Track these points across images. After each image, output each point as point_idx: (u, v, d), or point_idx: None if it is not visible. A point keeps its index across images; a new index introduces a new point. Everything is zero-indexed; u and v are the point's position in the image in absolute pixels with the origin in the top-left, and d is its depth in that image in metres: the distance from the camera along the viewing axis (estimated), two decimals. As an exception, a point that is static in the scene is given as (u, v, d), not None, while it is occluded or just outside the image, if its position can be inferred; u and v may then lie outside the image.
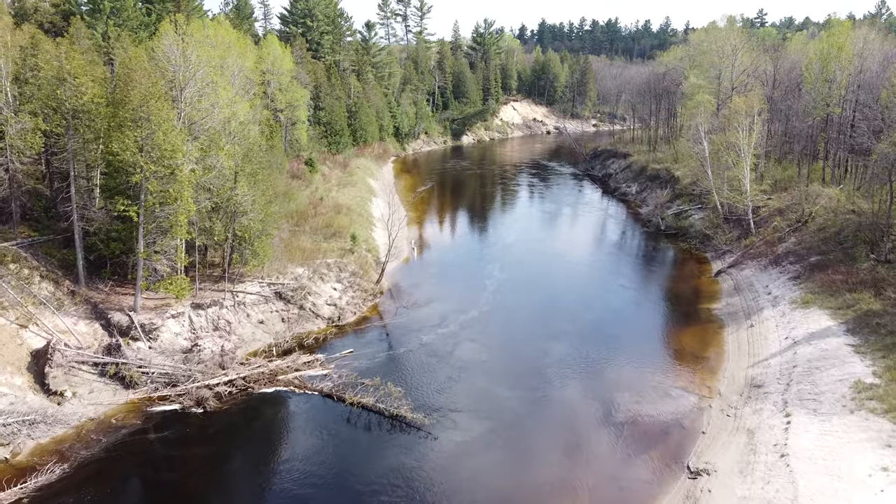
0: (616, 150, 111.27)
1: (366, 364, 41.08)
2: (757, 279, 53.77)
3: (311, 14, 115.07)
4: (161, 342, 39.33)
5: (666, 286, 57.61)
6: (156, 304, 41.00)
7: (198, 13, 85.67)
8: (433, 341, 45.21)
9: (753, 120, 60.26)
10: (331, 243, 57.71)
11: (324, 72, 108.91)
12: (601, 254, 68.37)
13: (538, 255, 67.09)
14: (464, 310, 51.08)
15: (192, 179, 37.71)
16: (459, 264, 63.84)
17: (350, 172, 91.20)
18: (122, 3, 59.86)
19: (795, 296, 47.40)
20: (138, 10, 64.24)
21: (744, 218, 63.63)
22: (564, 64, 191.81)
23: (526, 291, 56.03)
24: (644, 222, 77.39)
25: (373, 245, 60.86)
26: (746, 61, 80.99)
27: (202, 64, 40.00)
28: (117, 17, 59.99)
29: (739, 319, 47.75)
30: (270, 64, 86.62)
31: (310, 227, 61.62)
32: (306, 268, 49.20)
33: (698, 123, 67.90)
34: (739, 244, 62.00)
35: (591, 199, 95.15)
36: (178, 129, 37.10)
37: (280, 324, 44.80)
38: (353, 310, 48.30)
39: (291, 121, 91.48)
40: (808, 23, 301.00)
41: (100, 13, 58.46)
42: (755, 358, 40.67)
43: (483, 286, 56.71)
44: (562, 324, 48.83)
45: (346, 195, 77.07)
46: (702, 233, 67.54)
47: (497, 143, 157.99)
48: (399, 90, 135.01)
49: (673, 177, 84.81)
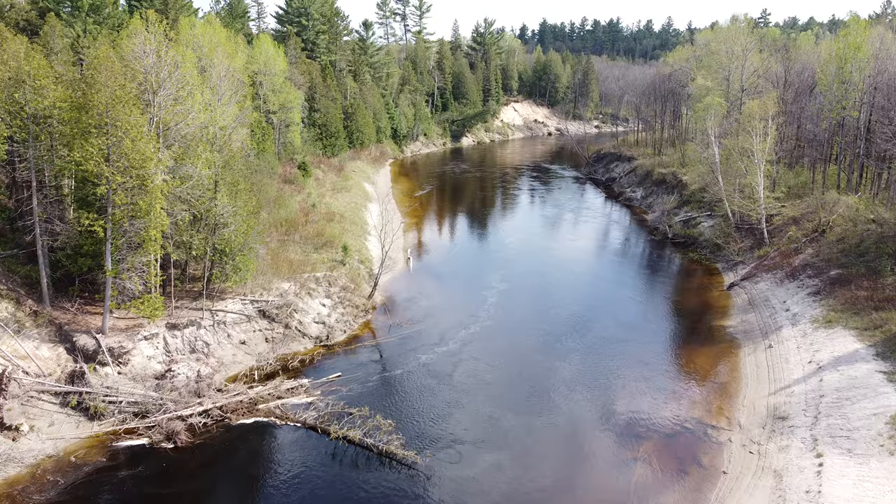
0: (620, 153, 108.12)
1: (356, 389, 37.96)
2: (773, 294, 50.61)
3: (306, 13, 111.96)
4: (132, 367, 36.19)
5: (676, 299, 54.44)
6: (127, 325, 37.86)
7: (186, 11, 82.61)
8: (431, 361, 42.14)
9: (768, 124, 57.09)
10: (321, 254, 54.60)
11: (319, 72, 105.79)
12: (606, 263, 65.26)
13: (540, 263, 63.97)
14: (464, 325, 48.07)
15: (164, 190, 34.56)
16: (458, 274, 60.72)
17: (345, 177, 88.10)
18: (102, 1, 56.67)
19: (816, 313, 44.24)
20: (118, 7, 61.03)
21: (756, 227, 60.50)
22: (566, 64, 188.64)
23: (529, 304, 52.98)
24: (650, 229, 74.23)
25: (366, 256, 57.72)
26: (756, 62, 77.79)
27: (178, 65, 36.84)
28: (96, 14, 56.84)
29: (756, 338, 44.60)
30: (263, 64, 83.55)
31: (300, 236, 58.49)
32: (293, 282, 46.04)
33: (708, 127, 64.76)
34: (752, 255, 58.86)
35: (595, 204, 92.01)
36: (149, 136, 33.96)
37: (263, 344, 41.65)
38: (343, 328, 45.15)
39: (285, 123, 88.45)
40: (812, 23, 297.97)
41: (78, 10, 55.31)
42: (776, 384, 37.52)
43: (483, 298, 53.66)
44: (568, 340, 45.83)
45: (340, 201, 73.94)
46: (712, 242, 64.42)
47: (497, 145, 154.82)
48: (397, 91, 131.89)
49: (680, 182, 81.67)
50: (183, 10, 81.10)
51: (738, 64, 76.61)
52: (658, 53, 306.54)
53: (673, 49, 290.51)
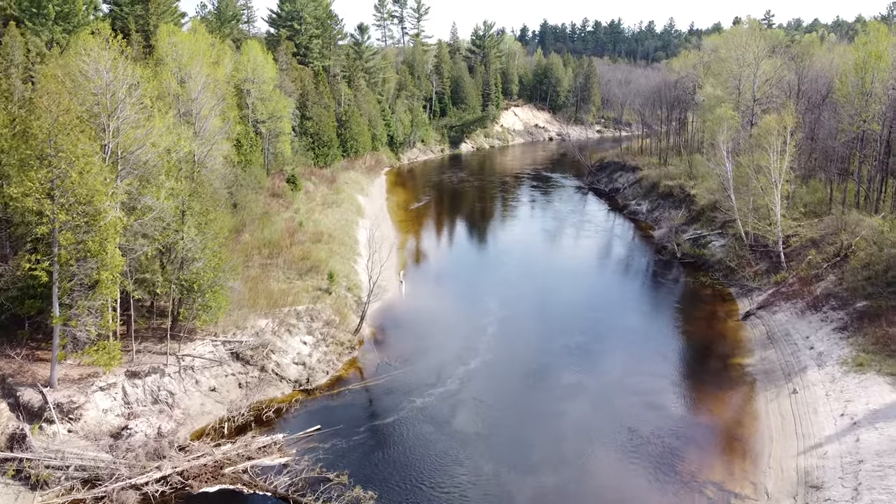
0: (624, 162, 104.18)
1: (338, 446, 34.04)
2: (794, 327, 46.67)
3: (298, 16, 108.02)
4: (84, 423, 32.31)
5: (687, 330, 50.51)
6: (81, 374, 33.98)
7: (170, 16, 78.74)
8: (426, 405, 38.36)
9: (786, 140, 53.15)
10: (306, 281, 50.71)
11: (311, 78, 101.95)
12: (612, 286, 61.35)
13: (541, 285, 60.09)
14: (462, 360, 44.34)
15: (119, 227, 30.68)
16: (454, 299, 56.80)
17: (337, 189, 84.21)
18: (71, 7, 52.74)
19: (845, 354, 40.30)
20: (90, 15, 57.09)
21: (773, 249, 56.56)
22: (567, 67, 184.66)
23: (530, 334, 49.31)
24: (657, 247, 70.28)
25: (354, 282, 53.76)
26: (769, 70, 73.83)
27: (138, 84, 32.93)
28: (65, 22, 52.90)
29: (778, 381, 40.69)
30: (251, 72, 79.67)
31: (284, 259, 54.63)
32: (271, 319, 42.12)
33: (720, 142, 60.81)
34: (769, 280, 54.92)
35: (598, 217, 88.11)
36: (100, 166, 30.07)
37: (236, 390, 37.75)
38: (326, 368, 41.22)
39: (274, 133, 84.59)
40: (817, 24, 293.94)
41: (44, 18, 51.38)
42: (806, 441, 33.61)
43: (482, 328, 49.91)
44: (573, 377, 42.32)
45: (330, 218, 70.02)
46: (724, 263, 60.48)
47: (497, 150, 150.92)
48: (394, 96, 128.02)
49: (688, 196, 77.73)
50: (166, 15, 77.27)
51: (750, 72, 72.62)
52: (660, 55, 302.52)
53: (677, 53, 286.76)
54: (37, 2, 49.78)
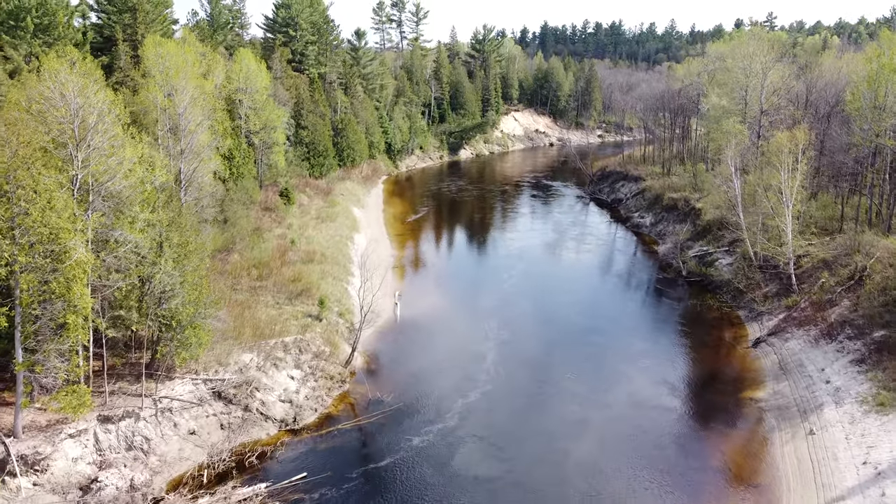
0: (626, 172, 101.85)
1: (327, 495, 31.84)
2: (807, 357, 44.40)
3: (293, 23, 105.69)
4: (52, 475, 30.06)
5: (695, 358, 48.22)
6: (49, 420, 31.73)
7: (160, 24, 76.45)
8: (423, 445, 36.26)
9: (798, 158, 50.87)
10: (296, 306, 48.45)
11: (307, 86, 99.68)
12: (615, 306, 59.03)
13: (542, 305, 57.84)
14: (460, 391, 42.23)
15: (87, 267, 28.41)
16: (452, 322, 54.55)
17: (332, 201, 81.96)
18: (51, 20, 50.45)
19: (864, 390, 38.03)
20: (73, 26, 54.78)
21: (783, 271, 54.27)
22: (568, 71, 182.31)
23: (531, 361, 47.28)
24: (662, 265, 68.04)
25: (347, 306, 51.47)
26: (777, 80, 71.53)
27: (109, 110, 30.64)
28: (45, 34, 50.62)
29: (793, 419, 38.41)
30: (243, 81, 77.34)
31: (274, 282, 52.39)
32: (257, 352, 39.84)
33: (728, 158, 58.52)
34: (779, 303, 52.64)
35: (600, 230, 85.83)
36: (65, 200, 27.80)
37: (217, 432, 35.48)
38: (315, 405, 38.92)
39: (267, 144, 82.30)
40: (820, 26, 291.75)
41: (22, 31, 49.11)
42: (827, 492, 31.34)
43: (481, 355, 47.80)
44: (577, 410, 40.43)
45: (324, 234, 67.75)
46: (731, 284, 58.19)
47: (497, 157, 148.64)
48: (391, 103, 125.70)
49: (693, 209, 75.45)
50: (156, 24, 74.98)
51: (757, 82, 70.33)
52: (661, 57, 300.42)
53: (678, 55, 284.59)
54: (14, 14, 47.57)
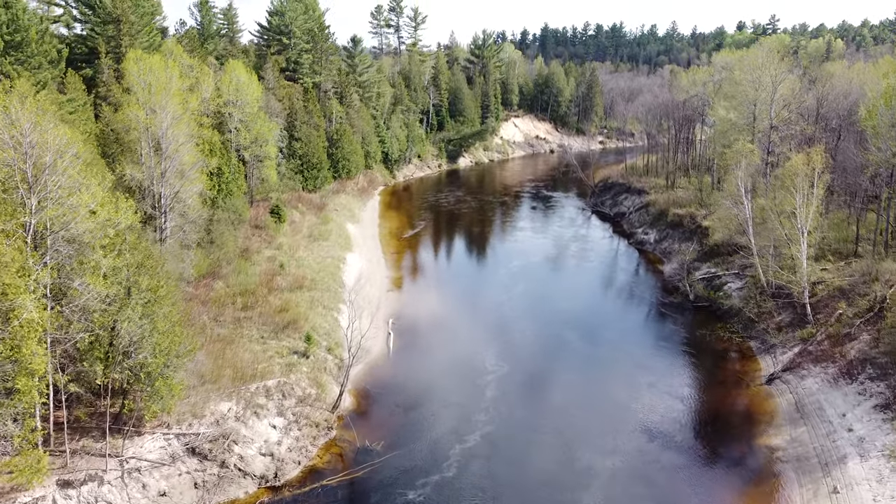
0: (629, 184, 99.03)
1: (304, 566, 29.11)
2: (827, 399, 41.60)
3: (287, 31, 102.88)
4: (3, 550, 27.30)
5: (704, 395, 45.39)
6: (2, 487, 28.95)
7: (146, 35, 73.66)
8: (420, 500, 33.40)
9: (814, 183, 48.08)
10: (281, 341, 45.68)
11: (301, 95, 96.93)
12: (619, 332, 56.14)
13: (542, 334, 55.08)
14: (459, 435, 39.70)
15: (39, 325, 25.64)
16: (448, 353, 51.71)
17: (325, 218, 79.17)
18: (24, 36, 47.67)
19: (890, 442, 35.25)
20: (48, 43, 51.97)
21: (797, 300, 51.44)
22: (569, 76, 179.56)
23: (531, 398, 44.71)
24: (668, 287, 65.24)
25: (336, 339, 48.64)
26: (787, 93, 68.77)
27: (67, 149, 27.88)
28: (18, 52, 47.84)
29: (814, 472, 35.62)
30: (233, 94, 74.58)
31: (260, 312, 49.63)
32: (236, 400, 37.04)
33: (738, 179, 55.76)
34: (793, 335, 49.84)
35: (602, 246, 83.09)
36: (13, 254, 25.03)
37: (191, 492, 32.68)
38: (298, 457, 36.12)
39: (259, 158, 79.57)
40: (823, 29, 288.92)
41: (-8, 50, 46.39)
42: (855, 567, 28.58)
43: (480, 391, 45.33)
44: (582, 455, 37.81)
45: (315, 255, 64.97)
46: (741, 311, 55.41)
47: (497, 164, 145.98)
48: (389, 111, 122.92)
49: (699, 227, 72.66)
50: (142, 35, 72.19)
51: (767, 97, 67.54)
52: (662, 60, 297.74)
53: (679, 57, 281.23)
54: (-17, 31, 44.92)
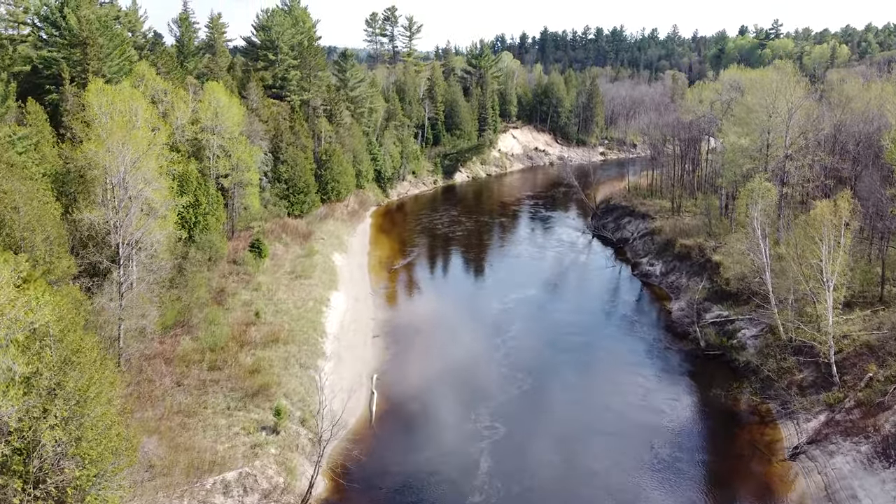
0: (633, 207, 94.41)
1: None
2: (861, 485, 36.88)
3: (274, 46, 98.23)
4: None
5: (720, 473, 40.59)
6: None
7: (118, 58, 69.03)
8: None
9: (841, 232, 43.41)
10: (250, 412, 41.01)
11: (287, 115, 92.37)
12: (625, 389, 51.02)
13: (539, 387, 50.13)
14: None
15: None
16: (438, 413, 46.91)
17: (310, 249, 74.47)
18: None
19: (941, 553, 30.59)
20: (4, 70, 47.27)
21: (821, 359, 46.74)
22: (569, 86, 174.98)
23: (529, 469, 40.37)
24: (676, 331, 60.48)
25: (311, 407, 43.66)
26: (803, 119, 64.21)
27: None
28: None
29: (853, 585, 30.96)
30: (211, 119, 70.05)
31: (228, 374, 44.99)
32: (187, 501, 32.33)
33: (754, 219, 51.13)
34: (818, 398, 45.11)
35: (605, 277, 78.47)
36: None
37: None
38: (259, 569, 31.47)
39: (240, 185, 75.10)
40: (827, 34, 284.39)
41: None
42: None
43: (473, 461, 40.99)
44: None
45: (296, 297, 60.22)
46: (758, 366, 50.65)
47: (494, 179, 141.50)
48: (382, 127, 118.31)
49: (709, 261, 67.98)
50: (112, 58, 67.58)
51: (783, 124, 62.91)
52: (663, 65, 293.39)
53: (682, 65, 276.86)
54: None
